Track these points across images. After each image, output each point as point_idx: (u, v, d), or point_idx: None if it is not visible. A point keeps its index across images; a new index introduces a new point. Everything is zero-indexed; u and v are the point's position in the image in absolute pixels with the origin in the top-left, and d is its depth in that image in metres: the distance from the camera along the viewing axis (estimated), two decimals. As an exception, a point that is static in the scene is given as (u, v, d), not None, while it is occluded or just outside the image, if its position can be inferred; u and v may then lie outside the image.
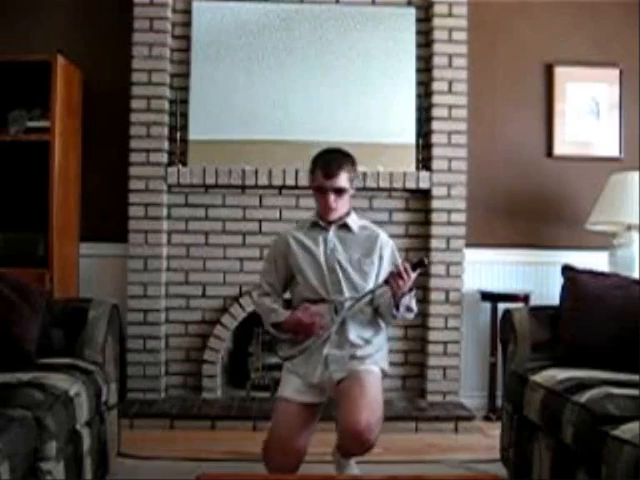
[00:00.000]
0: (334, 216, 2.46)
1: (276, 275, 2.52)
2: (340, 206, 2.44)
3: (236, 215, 3.86)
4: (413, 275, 2.30)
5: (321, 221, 2.49)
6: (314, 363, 2.39)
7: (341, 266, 2.42)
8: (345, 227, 2.49)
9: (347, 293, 2.41)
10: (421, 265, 2.32)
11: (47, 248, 3.58)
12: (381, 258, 2.48)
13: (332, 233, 2.47)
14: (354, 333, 2.42)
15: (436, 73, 3.86)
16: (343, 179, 2.41)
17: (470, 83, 3.88)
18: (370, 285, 2.43)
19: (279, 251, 2.51)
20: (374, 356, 2.45)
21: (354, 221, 2.52)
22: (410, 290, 2.35)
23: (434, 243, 3.83)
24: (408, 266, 2.30)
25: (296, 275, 2.47)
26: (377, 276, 2.45)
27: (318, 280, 2.42)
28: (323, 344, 2.39)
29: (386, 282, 2.34)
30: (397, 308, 2.36)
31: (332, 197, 2.40)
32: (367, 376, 2.35)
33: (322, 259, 2.43)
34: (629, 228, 3.70)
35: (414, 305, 2.44)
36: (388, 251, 2.51)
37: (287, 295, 2.63)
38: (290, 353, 2.42)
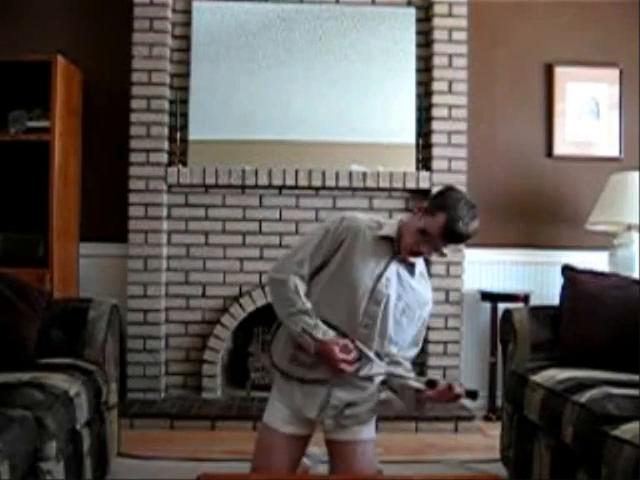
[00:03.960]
0: (411, 259, 2.11)
1: (316, 260, 2.09)
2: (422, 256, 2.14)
3: (236, 215, 3.86)
4: (459, 401, 2.10)
5: (395, 242, 2.09)
6: (314, 397, 2.11)
7: (386, 304, 2.05)
8: (409, 265, 2.12)
9: (374, 334, 2.07)
10: (473, 396, 2.15)
11: (47, 248, 3.58)
12: (418, 319, 2.17)
13: (395, 263, 2.08)
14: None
15: (436, 73, 3.86)
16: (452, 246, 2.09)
17: (470, 83, 3.88)
18: (400, 339, 2.13)
19: (337, 237, 2.06)
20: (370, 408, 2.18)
21: (419, 263, 2.16)
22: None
23: (434, 243, 3.82)
24: (463, 393, 2.03)
25: (328, 274, 2.07)
26: (405, 334, 2.15)
27: (353, 303, 2.04)
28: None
29: (429, 384, 2.04)
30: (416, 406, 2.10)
31: (429, 251, 2.07)
32: (364, 450, 2.16)
33: (371, 283, 2.04)
34: (629, 228, 3.71)
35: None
36: (424, 317, 2.21)
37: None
38: (287, 369, 2.12)
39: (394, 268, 2.09)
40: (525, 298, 3.81)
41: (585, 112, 4.12)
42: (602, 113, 4.12)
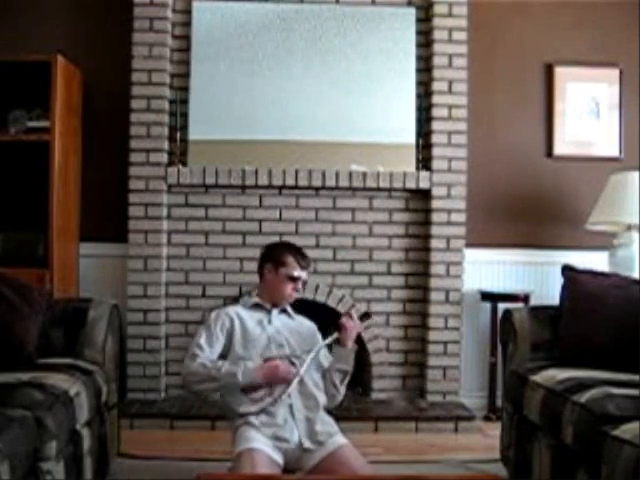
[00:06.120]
0: (283, 306, 2.54)
1: (215, 348, 2.41)
2: None
3: (236, 215, 3.86)
4: (359, 323, 2.50)
5: (265, 303, 2.51)
6: (281, 419, 2.28)
7: (289, 343, 2.44)
8: (285, 312, 2.55)
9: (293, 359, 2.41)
10: (366, 317, 2.65)
11: (47, 248, 3.58)
12: (317, 342, 2.50)
13: (275, 316, 2.50)
14: (311, 383, 2.40)
15: (436, 73, 3.86)
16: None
17: (470, 83, 3.88)
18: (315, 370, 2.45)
19: (222, 326, 2.43)
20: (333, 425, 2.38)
21: (289, 308, 2.58)
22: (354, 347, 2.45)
23: (434, 243, 3.83)
24: (357, 321, 2.48)
25: (237, 352, 2.39)
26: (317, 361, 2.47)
27: (263, 357, 2.37)
28: (283, 403, 2.31)
29: (335, 329, 2.43)
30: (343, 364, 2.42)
31: (299, 287, 2.52)
32: (352, 450, 2.27)
33: (270, 336, 2.43)
34: (629, 228, 3.71)
35: (343, 389, 2.46)
36: (320, 340, 2.53)
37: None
38: (249, 410, 2.29)
39: (277, 320, 2.50)
40: (525, 298, 3.81)
41: (585, 112, 4.12)
42: (602, 113, 4.12)
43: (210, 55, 3.83)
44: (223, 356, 2.41)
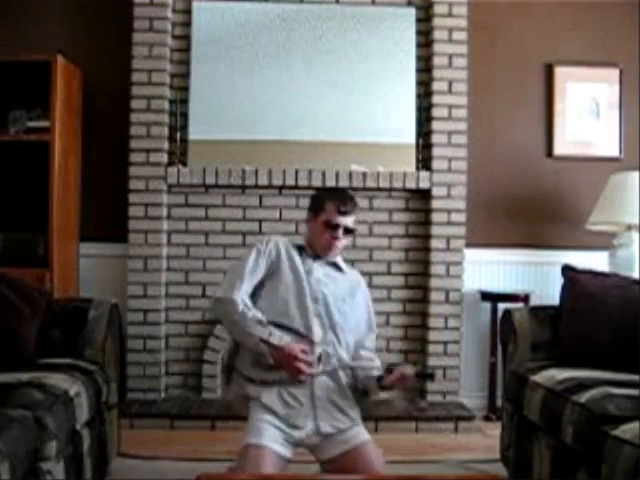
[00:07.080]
0: (333, 256, 2.33)
1: (253, 282, 2.26)
2: (342, 247, 2.33)
3: (236, 215, 3.86)
4: (414, 383, 2.24)
5: (309, 250, 2.34)
6: (296, 405, 2.15)
7: (325, 299, 2.25)
8: (333, 265, 2.35)
9: (326, 328, 2.23)
10: (429, 377, 2.32)
11: (47, 248, 3.58)
12: (358, 304, 2.38)
13: (318, 265, 2.31)
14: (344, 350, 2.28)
15: (436, 73, 3.86)
16: (353, 219, 2.31)
17: (470, 83, 3.88)
18: (349, 325, 2.30)
19: (268, 254, 2.28)
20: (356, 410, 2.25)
21: (341, 261, 2.40)
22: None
23: (434, 243, 3.83)
24: (412, 374, 2.19)
25: (272, 291, 2.25)
26: (351, 319, 2.32)
27: (297, 306, 2.22)
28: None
29: (388, 370, 2.19)
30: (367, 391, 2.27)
31: (341, 235, 2.27)
32: (373, 447, 2.16)
33: (306, 286, 2.24)
34: (629, 228, 3.71)
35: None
36: (365, 298, 2.43)
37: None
38: (265, 377, 2.17)
39: (319, 269, 2.32)
40: (525, 298, 3.81)
41: (585, 112, 4.12)
42: (602, 113, 4.12)
43: (210, 55, 3.83)
44: (262, 283, 2.27)
